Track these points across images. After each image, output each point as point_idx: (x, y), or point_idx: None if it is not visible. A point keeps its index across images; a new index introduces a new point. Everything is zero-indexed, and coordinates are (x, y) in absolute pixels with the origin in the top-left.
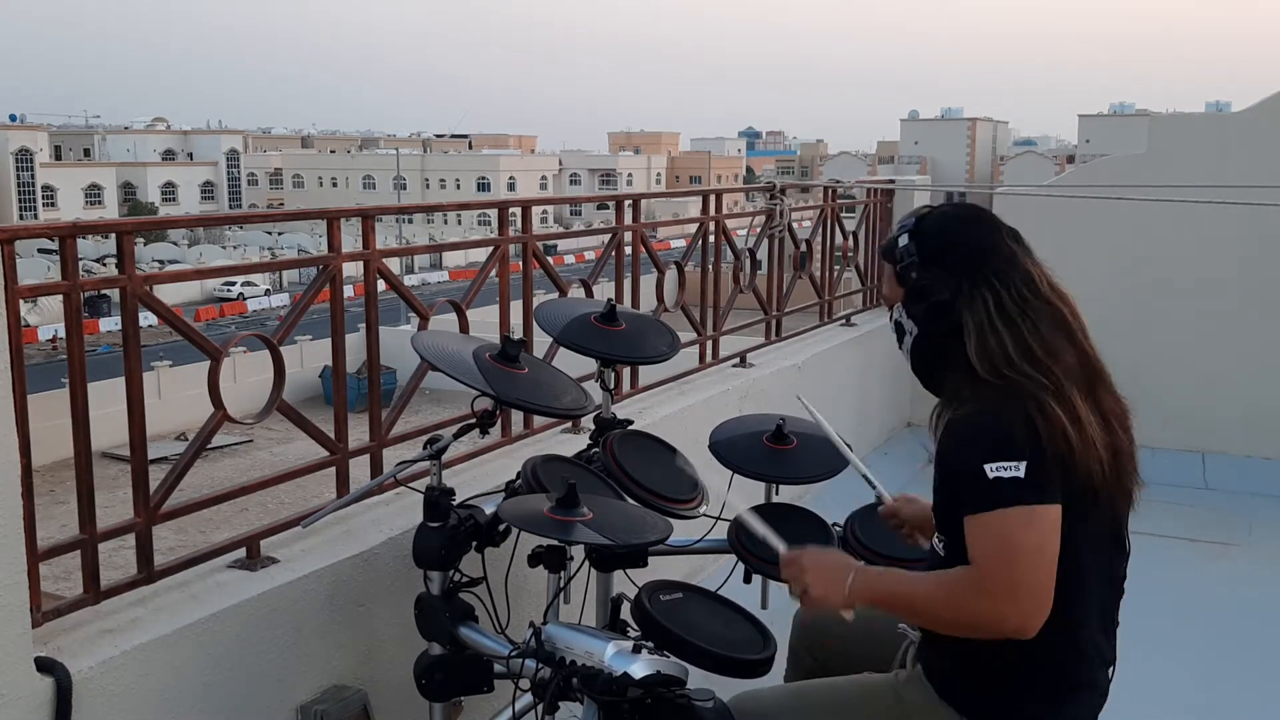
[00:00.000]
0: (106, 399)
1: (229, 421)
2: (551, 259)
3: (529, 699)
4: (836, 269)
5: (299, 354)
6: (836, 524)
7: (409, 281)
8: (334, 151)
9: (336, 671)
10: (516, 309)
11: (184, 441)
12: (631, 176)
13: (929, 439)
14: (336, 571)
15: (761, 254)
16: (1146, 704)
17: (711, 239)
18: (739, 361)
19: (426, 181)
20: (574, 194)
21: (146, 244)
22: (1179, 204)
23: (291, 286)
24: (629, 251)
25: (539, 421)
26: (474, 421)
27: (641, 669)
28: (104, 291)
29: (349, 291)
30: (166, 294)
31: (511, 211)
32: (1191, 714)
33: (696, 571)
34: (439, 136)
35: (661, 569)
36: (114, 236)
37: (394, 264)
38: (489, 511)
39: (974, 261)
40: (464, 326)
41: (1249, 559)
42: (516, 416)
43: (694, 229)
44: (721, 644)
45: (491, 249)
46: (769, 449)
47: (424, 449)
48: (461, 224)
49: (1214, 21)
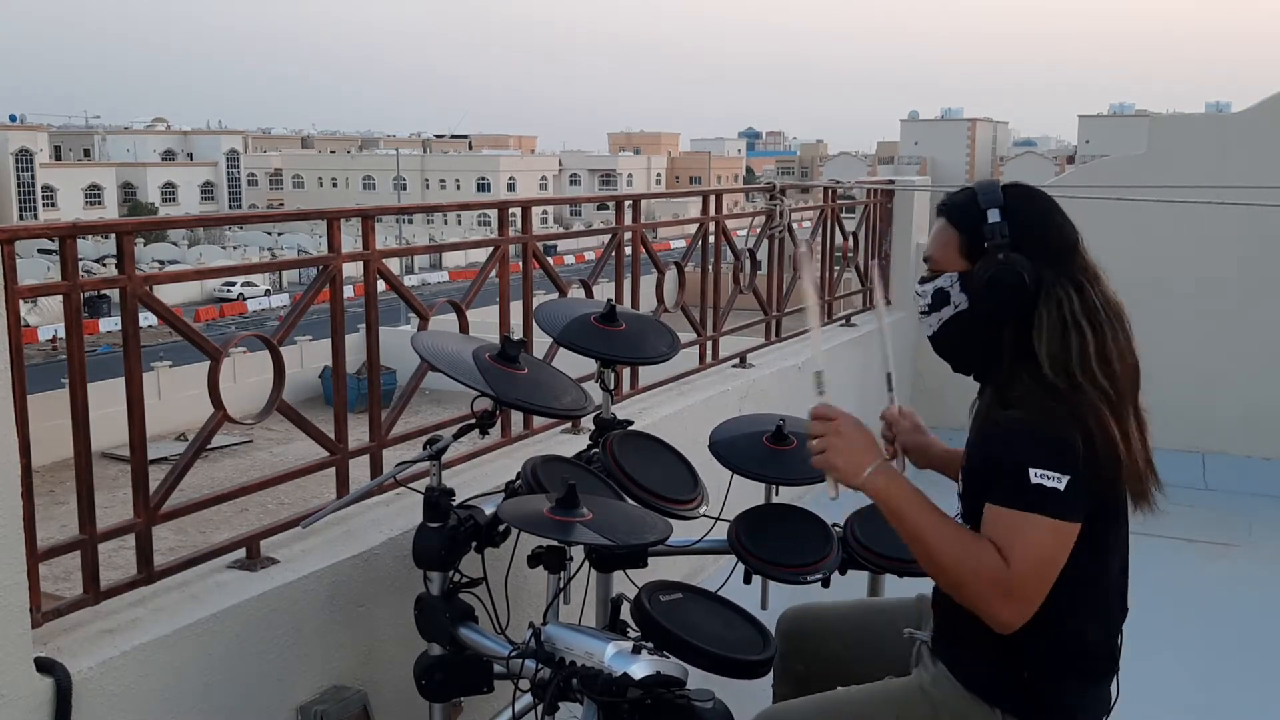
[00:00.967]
0: (106, 399)
1: (229, 422)
2: (551, 259)
3: (529, 699)
4: (836, 269)
5: (299, 354)
6: (836, 524)
7: (409, 282)
8: (334, 152)
9: (336, 672)
10: (516, 309)
11: (184, 441)
12: (631, 177)
13: (951, 435)
14: (336, 572)
15: (761, 254)
16: (1146, 704)
17: (711, 239)
18: (739, 362)
19: (426, 182)
20: (574, 194)
21: (146, 244)
22: (1179, 204)
23: (291, 287)
24: (629, 252)
25: (539, 422)
26: (474, 422)
27: (641, 669)
28: (104, 292)
29: (349, 292)
30: (166, 294)
31: (511, 212)
32: (1191, 714)
33: (696, 572)
34: (439, 137)
35: (661, 569)
36: (114, 237)
37: (394, 264)
38: (489, 512)
39: (1063, 254)
40: (464, 327)
41: (1249, 559)
42: (516, 417)
43: (694, 229)
44: (721, 644)
45: (491, 249)
46: (769, 449)
47: (424, 449)
48: (461, 224)
49: (1214, 21)
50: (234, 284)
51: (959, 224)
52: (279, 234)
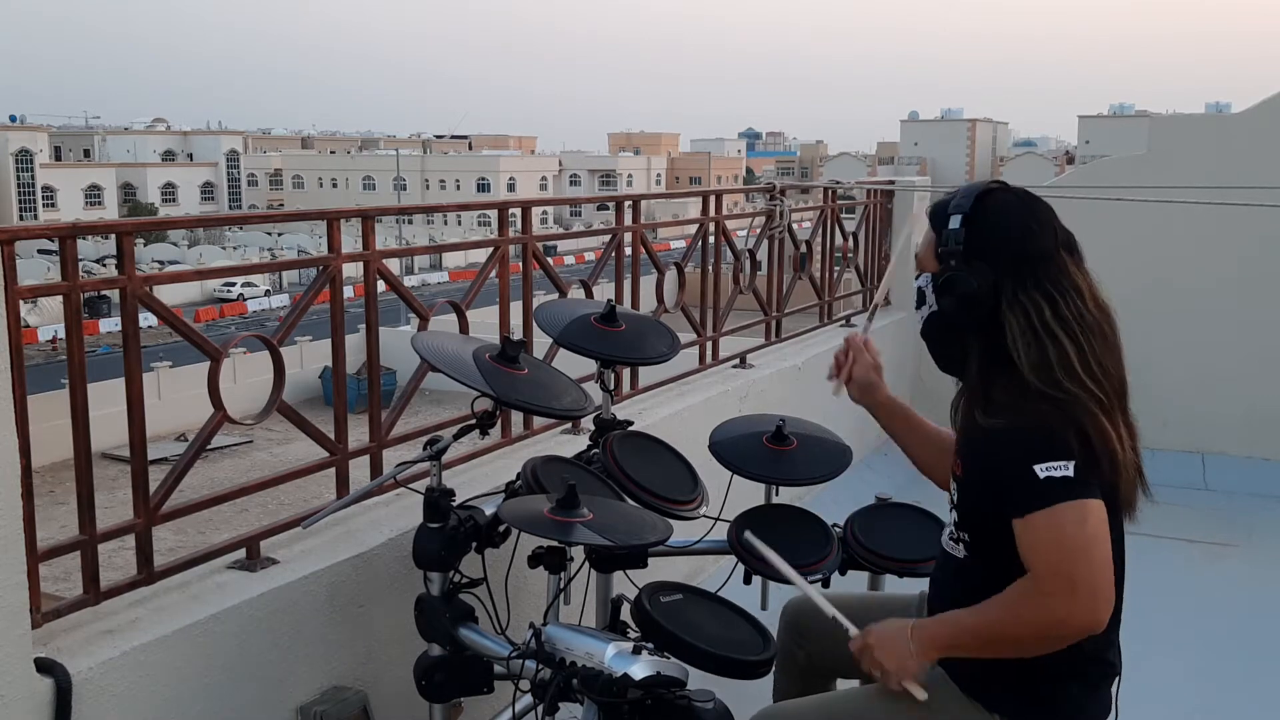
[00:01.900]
0: (106, 399)
1: (229, 422)
2: (551, 260)
3: (529, 700)
4: (836, 270)
5: (299, 354)
6: (836, 524)
7: (409, 282)
8: (334, 152)
9: (336, 672)
10: (516, 310)
11: (184, 442)
12: (631, 177)
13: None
14: (336, 572)
15: (761, 255)
16: (1146, 704)
17: (711, 240)
18: (739, 362)
19: (426, 182)
20: (574, 195)
21: (146, 244)
22: (1179, 204)
23: (291, 287)
24: (629, 252)
25: (539, 422)
26: (474, 422)
27: (641, 670)
28: (104, 292)
29: (349, 292)
30: (166, 294)
31: (511, 212)
32: (1191, 714)
33: (696, 572)
34: (439, 137)
35: (661, 570)
36: (114, 237)
37: (394, 264)
38: (489, 512)
39: (1024, 265)
40: (464, 327)
41: (1249, 560)
42: (516, 417)
43: (694, 230)
44: (721, 645)
45: (491, 250)
46: (769, 449)
47: (424, 450)
48: (461, 225)
49: (1214, 21)
50: (234, 284)
51: (935, 227)
52: (279, 234)
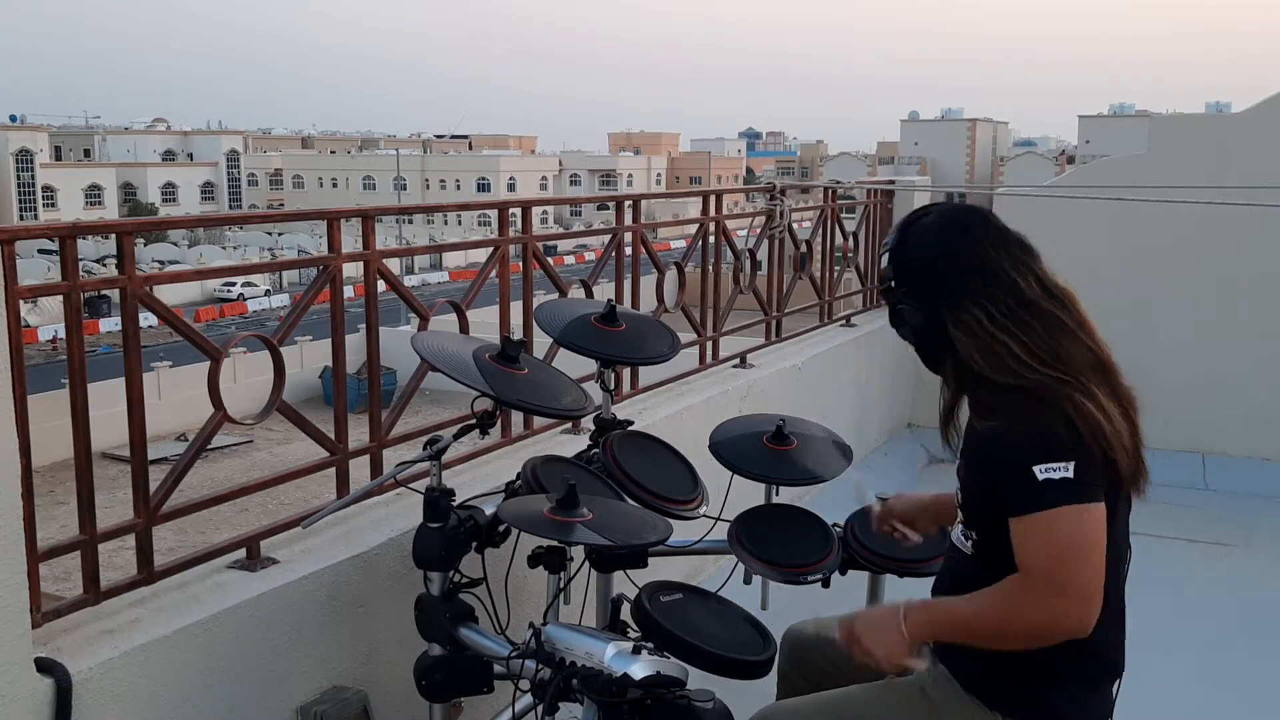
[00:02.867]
0: (106, 399)
1: (229, 422)
2: (551, 259)
3: (529, 700)
4: (836, 270)
5: (299, 354)
6: (836, 524)
7: (409, 282)
8: (334, 152)
9: (336, 672)
10: (516, 309)
11: (184, 442)
12: (631, 177)
13: (948, 436)
14: (336, 572)
15: (761, 255)
16: (1146, 704)
17: (711, 240)
18: (739, 362)
19: (426, 182)
20: (574, 194)
21: (146, 244)
22: (1179, 204)
23: (291, 287)
24: (629, 252)
25: (539, 422)
26: (474, 422)
27: (641, 670)
28: (104, 292)
29: (349, 292)
30: (166, 294)
31: (511, 212)
32: (1191, 714)
33: (696, 572)
34: (439, 137)
35: (661, 569)
36: (114, 237)
37: (394, 264)
38: (489, 512)
39: (954, 283)
40: (464, 327)
41: (1249, 560)
42: (516, 417)
43: (694, 230)
44: (721, 645)
45: (491, 249)
46: (769, 449)
47: (424, 449)
48: (461, 224)
49: (1214, 21)
50: (234, 284)
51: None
52: (279, 234)
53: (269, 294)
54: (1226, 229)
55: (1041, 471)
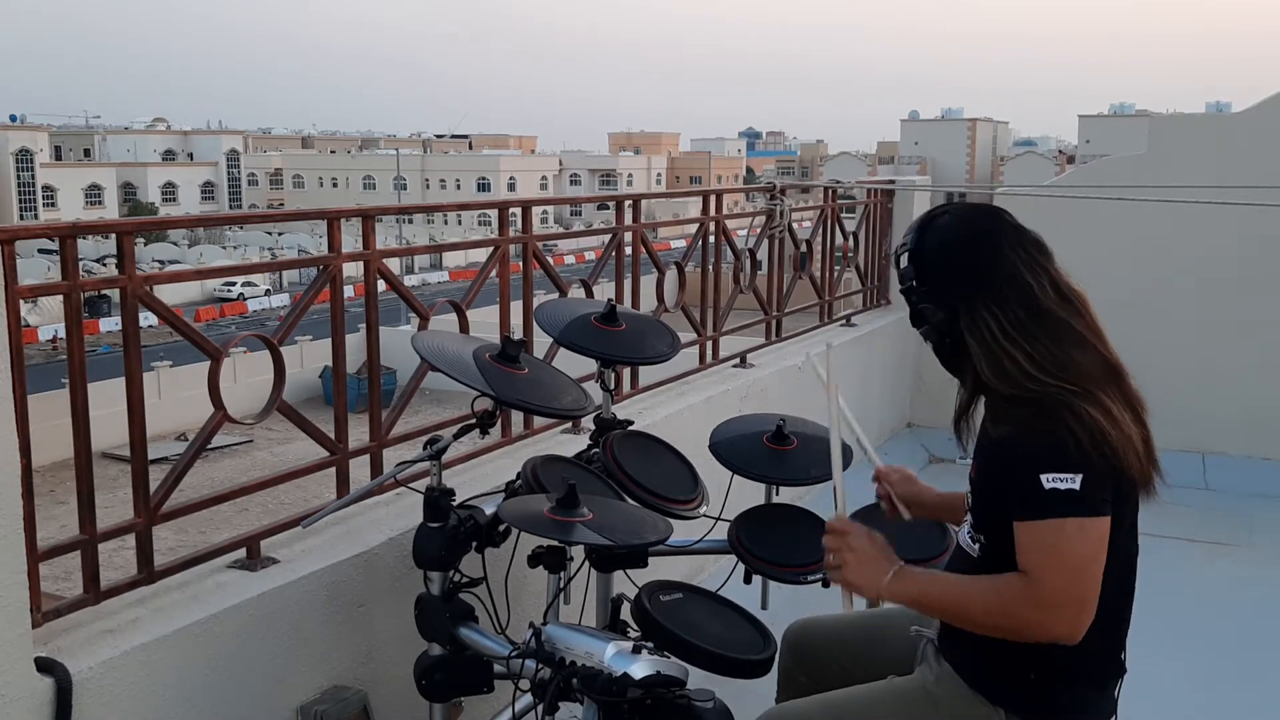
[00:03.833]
0: (106, 399)
1: (229, 422)
2: (551, 259)
3: (529, 699)
4: (837, 269)
5: (299, 354)
6: None
7: (409, 282)
8: (334, 152)
9: (336, 672)
10: (516, 309)
11: (184, 441)
12: (631, 177)
13: (961, 433)
14: (336, 572)
15: (761, 254)
16: (1146, 704)
17: (711, 239)
18: (739, 362)
19: (426, 182)
20: (574, 194)
21: (146, 244)
22: (1179, 204)
23: (291, 287)
24: (629, 252)
25: (539, 422)
26: (474, 422)
27: (641, 669)
28: (104, 292)
29: (349, 292)
30: (166, 294)
31: (511, 212)
32: (1191, 714)
33: (696, 572)
34: (439, 137)
35: (662, 569)
36: (114, 237)
37: (394, 264)
38: (489, 512)
39: (970, 285)
40: (464, 327)
41: (1249, 560)
42: (516, 417)
43: (694, 229)
44: (721, 644)
45: (492, 249)
46: (769, 449)
47: (424, 449)
48: (462, 224)
49: (1214, 21)
50: (234, 284)
51: (896, 263)
52: (279, 234)
53: (269, 294)
54: (1227, 229)
55: (1049, 480)
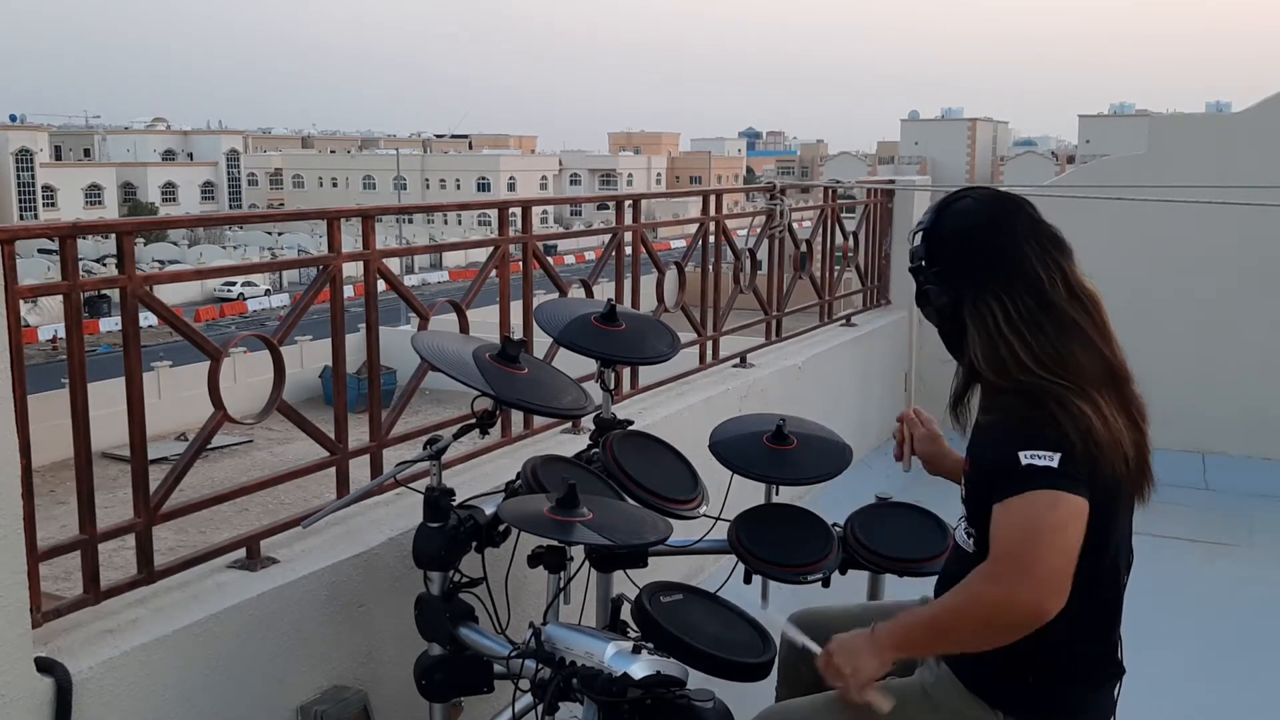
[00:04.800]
0: (106, 399)
1: (229, 422)
2: (551, 259)
3: (529, 699)
4: (836, 269)
5: (299, 354)
6: (836, 524)
7: (409, 281)
8: (334, 152)
9: (336, 672)
10: (516, 309)
11: (184, 441)
12: (631, 177)
13: (958, 415)
14: (336, 572)
15: (761, 254)
16: (1146, 704)
17: (711, 239)
18: (739, 362)
19: (426, 182)
20: (574, 194)
21: (146, 244)
22: (1179, 204)
23: (291, 286)
24: (629, 252)
25: (539, 422)
26: (474, 422)
27: (641, 669)
28: (104, 291)
29: (349, 292)
30: (166, 294)
31: (511, 212)
32: (1191, 714)
33: (696, 572)
34: (439, 137)
35: (661, 569)
36: (114, 236)
37: (394, 264)
38: (489, 512)
39: (981, 271)
40: (464, 327)
41: (1249, 560)
42: (516, 417)
43: (694, 229)
44: (721, 646)
45: (492, 249)
46: (769, 449)
47: (424, 449)
48: (461, 224)
49: (1214, 21)
50: (234, 284)
51: (910, 242)
52: (279, 234)
53: (269, 294)
54: (1226, 229)
55: (1026, 457)
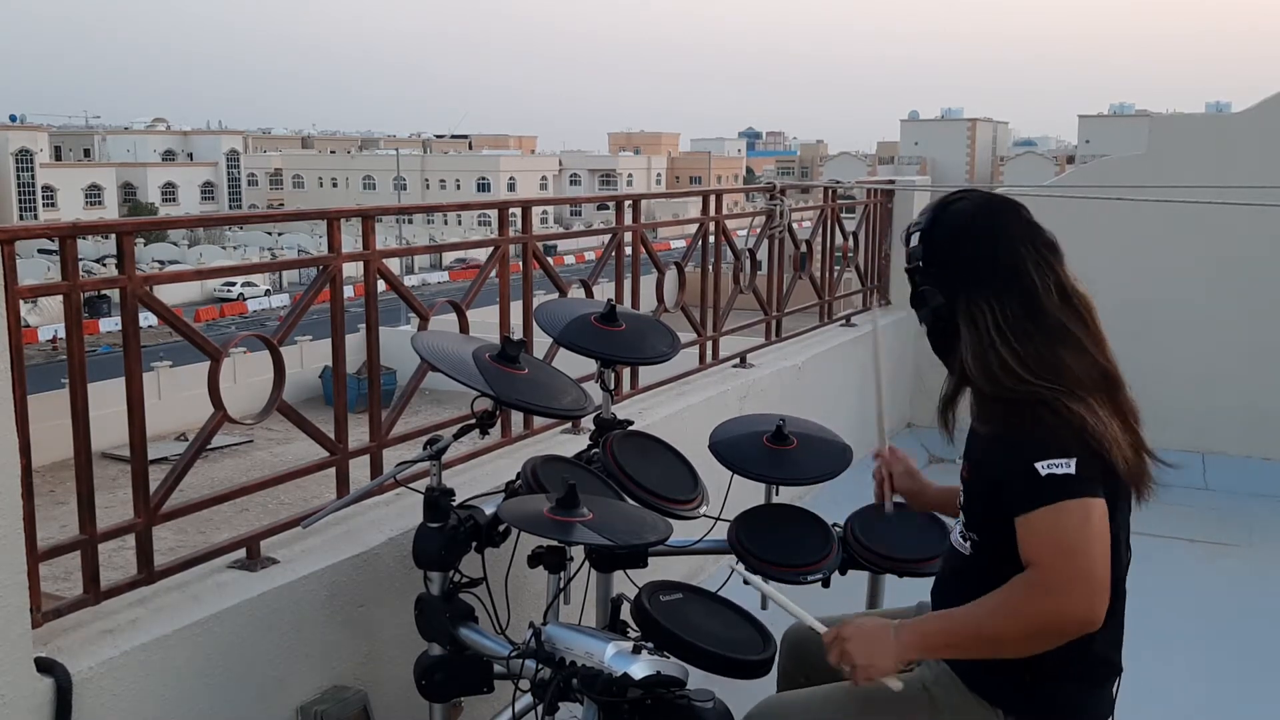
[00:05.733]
0: (106, 399)
1: (229, 422)
2: (551, 259)
3: (529, 699)
4: (836, 270)
5: (299, 354)
6: (837, 524)
7: (409, 282)
8: (334, 152)
9: (336, 672)
10: (516, 309)
11: (184, 441)
12: (631, 177)
13: (946, 422)
14: (336, 572)
15: (761, 254)
16: (1147, 704)
17: (711, 239)
18: (739, 362)
19: (426, 182)
20: (574, 194)
21: (146, 244)
22: (1179, 204)
23: (291, 287)
24: (629, 252)
25: (539, 422)
26: (474, 422)
27: (641, 670)
28: (104, 292)
29: (349, 292)
30: (166, 294)
31: (511, 212)
32: (1191, 714)
33: (696, 572)
34: (439, 137)
35: (661, 569)
36: (114, 237)
37: (394, 264)
38: (489, 512)
39: (976, 274)
40: (464, 327)
41: (1249, 560)
42: (516, 417)
43: (694, 229)
44: (721, 645)
45: (492, 249)
46: (769, 449)
47: (424, 449)
48: (461, 224)
49: (1214, 21)
50: (234, 284)
51: (905, 244)
52: (279, 234)
53: (269, 294)
54: (1226, 229)
55: (1044, 468)
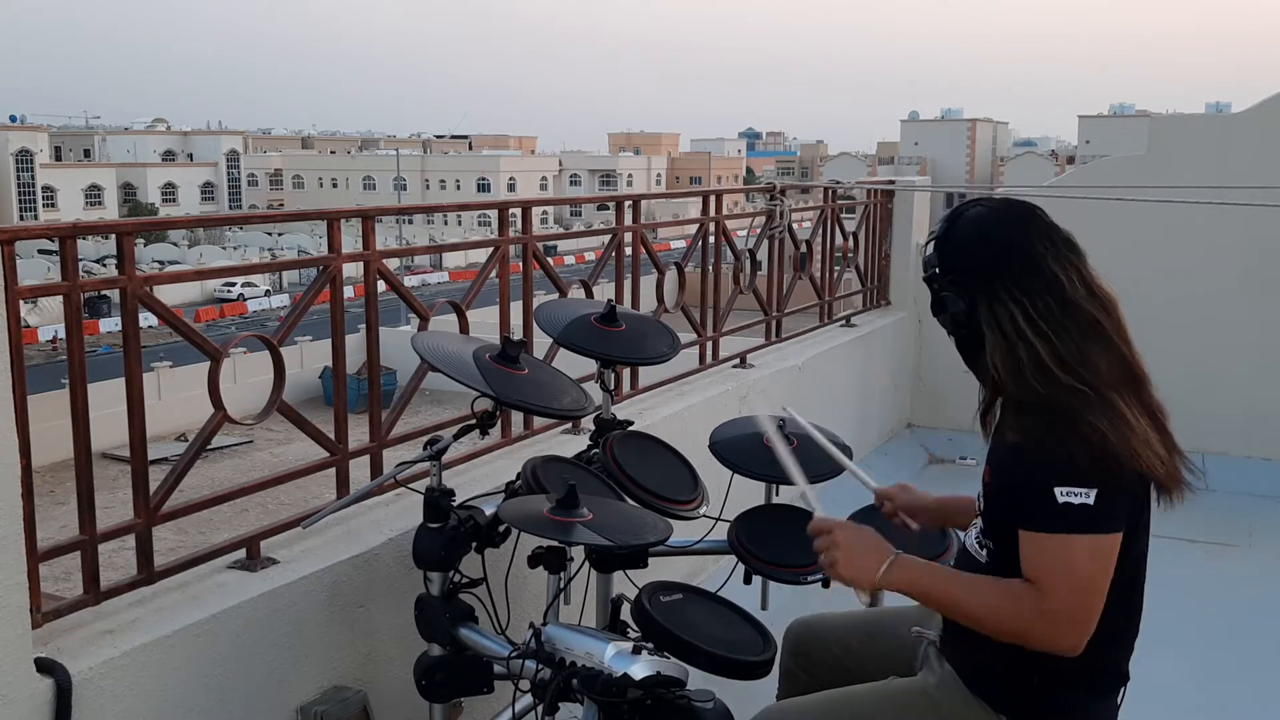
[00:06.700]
0: (106, 399)
1: (229, 422)
2: (551, 260)
3: (529, 700)
4: (836, 270)
5: (299, 354)
6: None
7: (409, 282)
8: (334, 152)
9: (336, 672)
10: (516, 310)
11: (184, 442)
12: (631, 177)
13: (988, 429)
14: (336, 572)
15: (761, 255)
16: (1147, 704)
17: (711, 240)
18: (739, 362)
19: (426, 182)
20: (574, 195)
21: (146, 245)
22: (1179, 205)
23: (291, 287)
24: (629, 252)
25: (539, 422)
26: (474, 422)
27: (641, 670)
28: (104, 292)
29: (349, 292)
30: (166, 295)
31: (511, 212)
32: (1192, 714)
33: (696, 572)
34: (439, 137)
35: (662, 570)
36: (114, 237)
37: (394, 264)
38: (489, 512)
39: (997, 275)
40: (464, 327)
41: (1249, 560)
42: (516, 417)
43: (694, 230)
44: (721, 645)
45: (491, 250)
46: (769, 449)
47: (424, 450)
48: (461, 225)
49: (1214, 21)
50: (234, 284)
51: (924, 251)
52: (279, 234)
53: (269, 294)
54: (1226, 229)
55: (1063, 494)
